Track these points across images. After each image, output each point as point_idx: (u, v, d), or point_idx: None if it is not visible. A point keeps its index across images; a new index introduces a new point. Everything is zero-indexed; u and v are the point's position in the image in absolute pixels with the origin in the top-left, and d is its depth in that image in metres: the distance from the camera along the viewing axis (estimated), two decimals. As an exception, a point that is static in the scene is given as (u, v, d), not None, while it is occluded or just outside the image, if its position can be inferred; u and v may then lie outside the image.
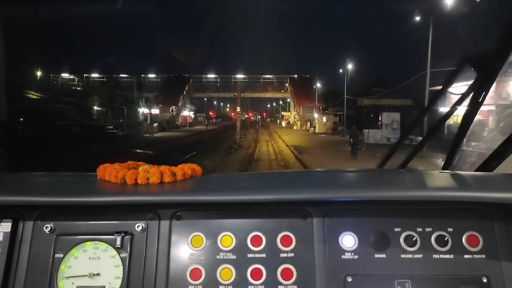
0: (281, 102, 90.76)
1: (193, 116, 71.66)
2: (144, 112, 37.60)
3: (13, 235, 0.94)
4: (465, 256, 0.92)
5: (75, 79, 55.82)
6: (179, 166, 1.08)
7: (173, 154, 17.70)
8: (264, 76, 71.62)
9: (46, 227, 0.94)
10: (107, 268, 0.92)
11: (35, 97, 25.88)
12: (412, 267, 0.91)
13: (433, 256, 0.92)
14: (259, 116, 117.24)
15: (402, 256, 0.92)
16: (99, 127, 30.86)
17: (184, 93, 64.40)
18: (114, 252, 0.93)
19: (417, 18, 23.82)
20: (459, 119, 1.19)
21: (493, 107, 13.59)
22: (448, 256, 0.92)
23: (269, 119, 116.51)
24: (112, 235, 0.94)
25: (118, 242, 0.92)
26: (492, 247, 0.92)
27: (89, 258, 0.93)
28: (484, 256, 0.92)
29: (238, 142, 24.57)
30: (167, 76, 66.64)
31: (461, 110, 1.19)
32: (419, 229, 0.94)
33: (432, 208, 0.96)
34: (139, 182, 1.00)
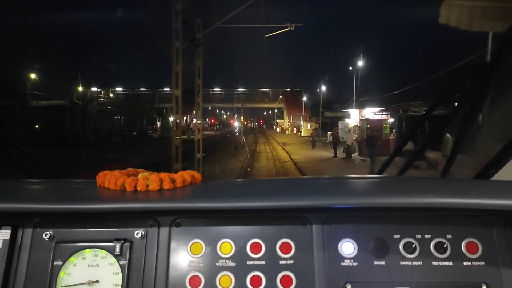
0: (276, 111, 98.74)
1: (200, 123, 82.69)
2: (172, 120, 47.99)
3: (12, 243, 0.87)
4: (464, 263, 0.85)
5: (100, 92, 66.61)
6: (178, 173, 0.99)
7: (211, 146, 23.14)
8: (261, 89, 76.01)
9: (45, 235, 0.87)
10: (106, 276, 0.85)
11: (109, 109, 33.27)
12: (412, 274, 0.84)
13: (433, 263, 0.85)
14: (256, 123, 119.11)
15: (402, 263, 0.85)
16: (143, 132, 40.45)
17: (195, 104, 75.49)
18: (113, 260, 0.86)
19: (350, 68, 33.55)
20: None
21: (358, 120, 24.62)
22: (447, 263, 0.85)
23: (265, 125, 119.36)
24: (111, 242, 0.86)
25: (117, 250, 0.85)
26: (491, 254, 0.85)
27: (88, 265, 0.86)
28: (483, 263, 0.85)
29: (242, 142, 31.22)
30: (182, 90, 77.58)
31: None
32: (418, 236, 0.87)
33: (431, 215, 0.88)
34: (139, 189, 0.92)
